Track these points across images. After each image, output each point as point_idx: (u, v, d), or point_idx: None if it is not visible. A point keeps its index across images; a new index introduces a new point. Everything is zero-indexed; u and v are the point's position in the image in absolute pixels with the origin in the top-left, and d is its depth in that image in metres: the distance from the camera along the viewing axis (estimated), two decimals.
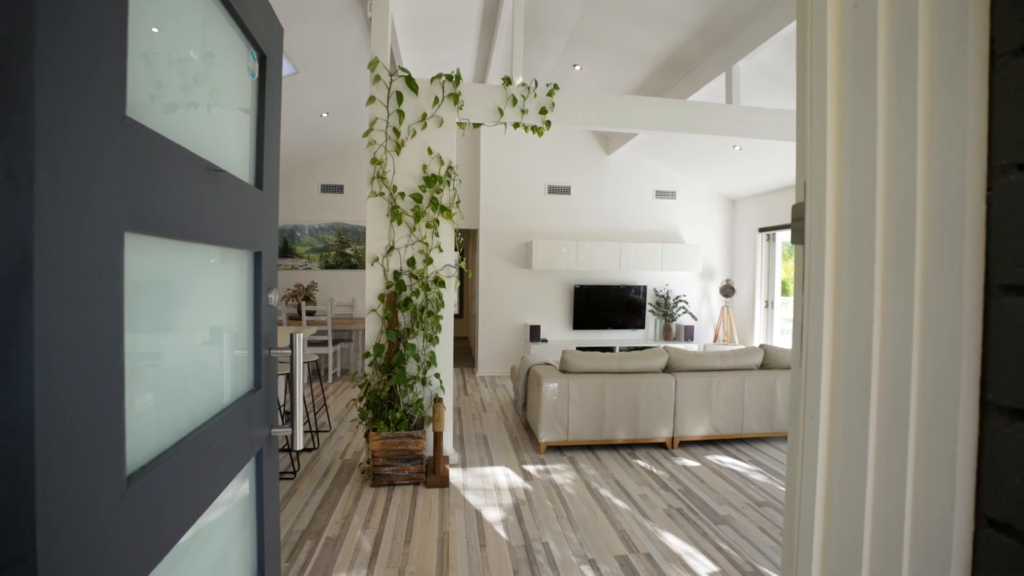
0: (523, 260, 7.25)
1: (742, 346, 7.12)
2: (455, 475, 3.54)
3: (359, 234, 7.38)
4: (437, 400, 3.53)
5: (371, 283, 3.59)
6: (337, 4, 3.98)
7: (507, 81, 3.81)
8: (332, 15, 4.11)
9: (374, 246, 3.59)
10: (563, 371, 4.16)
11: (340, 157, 7.35)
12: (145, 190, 0.65)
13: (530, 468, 3.72)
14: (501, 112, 3.83)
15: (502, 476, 3.56)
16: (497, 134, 6.98)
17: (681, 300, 7.57)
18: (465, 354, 8.90)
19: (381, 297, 3.58)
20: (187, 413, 0.85)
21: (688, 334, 7.38)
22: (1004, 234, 0.46)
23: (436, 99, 3.66)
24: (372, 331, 3.58)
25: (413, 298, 3.57)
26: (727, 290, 7.55)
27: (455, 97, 3.67)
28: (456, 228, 3.80)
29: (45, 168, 0.47)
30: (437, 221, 3.66)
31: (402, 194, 3.59)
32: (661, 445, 4.26)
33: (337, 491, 3.25)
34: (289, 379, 1.31)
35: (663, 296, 7.58)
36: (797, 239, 0.68)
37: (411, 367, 3.62)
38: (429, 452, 3.65)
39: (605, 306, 7.44)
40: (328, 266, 7.36)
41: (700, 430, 4.19)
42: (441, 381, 3.68)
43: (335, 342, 6.84)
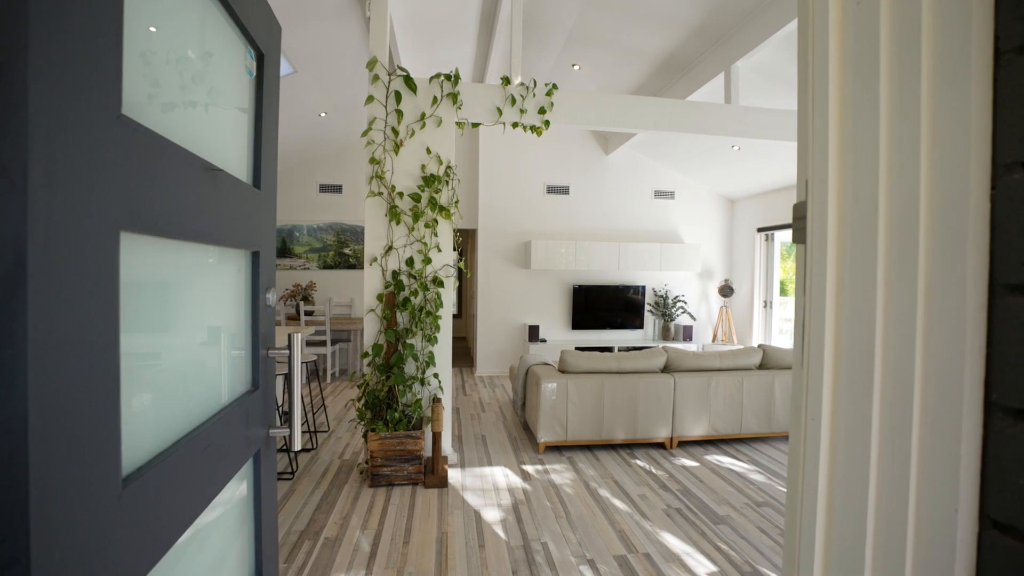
0: (522, 260, 7.24)
1: (741, 346, 7.13)
2: (454, 475, 3.54)
3: (358, 234, 7.37)
4: (436, 400, 3.53)
5: (369, 283, 3.58)
6: (335, 4, 3.97)
7: (506, 81, 3.81)
8: (330, 15, 4.11)
9: (372, 246, 3.58)
10: (562, 371, 4.16)
11: (339, 157, 7.34)
12: (141, 189, 0.65)
13: (529, 468, 3.71)
14: (500, 112, 3.82)
15: (501, 476, 3.55)
16: (496, 134, 6.98)
17: (680, 300, 7.57)
18: (464, 354, 8.90)
19: (380, 297, 3.57)
20: (184, 414, 0.85)
21: (687, 334, 7.39)
22: (1008, 233, 0.45)
23: (435, 99, 3.65)
24: (371, 331, 3.58)
25: (412, 298, 3.57)
26: (726, 290, 7.56)
27: (454, 97, 3.67)
28: (455, 228, 3.80)
29: (39, 167, 0.46)
30: (436, 221, 3.65)
31: (401, 194, 3.58)
32: (660, 445, 4.26)
33: (335, 491, 3.24)
34: (287, 379, 1.30)
35: (662, 296, 7.59)
36: (798, 238, 0.67)
37: (410, 367, 3.62)
38: (428, 452, 3.65)
39: (604, 306, 7.43)
40: (326, 266, 7.35)
41: (699, 430, 4.19)
42: (440, 381, 3.67)
43: (333, 342, 6.83)
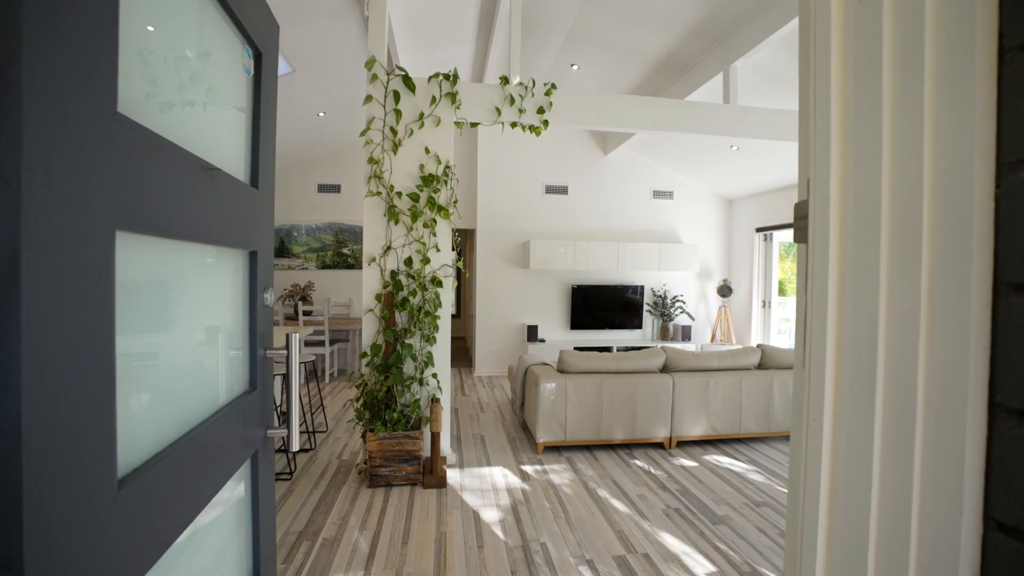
0: (520, 260, 7.24)
1: (739, 346, 7.13)
2: (452, 476, 3.53)
3: (356, 234, 7.36)
4: (434, 400, 3.52)
5: (368, 283, 3.57)
6: (334, 3, 3.97)
7: (504, 80, 3.80)
8: (329, 14, 4.10)
9: (371, 246, 3.57)
10: (561, 371, 4.15)
11: (337, 157, 7.33)
12: (138, 188, 0.64)
13: (528, 468, 3.71)
14: (498, 111, 3.82)
15: (500, 476, 3.55)
16: (494, 134, 6.97)
17: (678, 300, 7.57)
18: (462, 354, 8.89)
19: (378, 297, 3.56)
20: (181, 414, 0.84)
21: (685, 334, 7.39)
22: (1013, 231, 0.45)
23: (433, 98, 3.64)
24: (369, 331, 3.57)
25: (410, 298, 3.56)
26: (724, 290, 7.56)
27: (452, 96, 3.66)
28: (453, 228, 3.79)
29: (33, 166, 0.46)
30: (434, 221, 3.64)
31: (399, 194, 3.57)
32: (659, 445, 4.25)
33: (334, 492, 3.23)
34: (285, 379, 1.29)
35: (660, 296, 7.59)
36: (800, 237, 0.67)
37: (408, 367, 3.61)
38: (426, 453, 3.64)
39: (602, 306, 7.43)
40: (325, 266, 7.34)
41: (698, 430, 4.19)
42: (438, 381, 3.67)
43: (332, 342, 6.82)
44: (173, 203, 0.74)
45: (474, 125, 3.84)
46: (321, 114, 5.97)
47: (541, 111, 3.87)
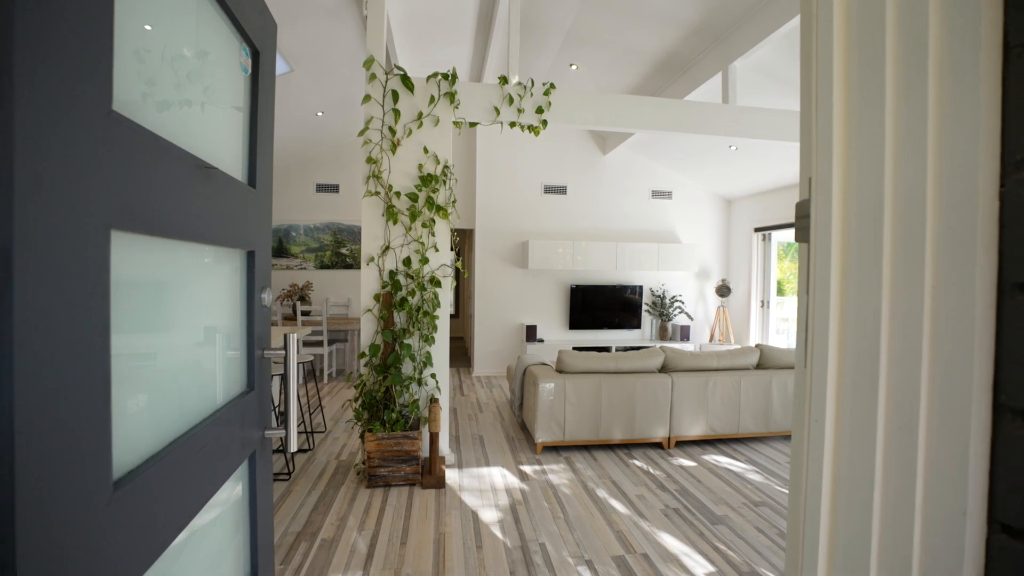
0: (519, 260, 7.23)
1: (738, 346, 7.14)
2: (451, 476, 3.53)
3: (355, 234, 7.35)
4: (433, 400, 3.52)
5: (367, 283, 3.57)
6: (332, 2, 3.96)
7: (503, 80, 3.80)
8: (327, 13, 4.09)
9: (370, 246, 3.57)
10: (559, 371, 4.15)
11: (336, 156, 7.32)
12: (133, 187, 0.63)
13: (526, 468, 3.70)
14: (497, 111, 3.81)
15: (498, 477, 3.54)
16: (493, 133, 6.96)
17: (677, 300, 7.57)
18: (461, 354, 8.88)
19: (377, 297, 3.56)
20: (178, 415, 0.83)
21: (684, 334, 7.39)
22: (1018, 231, 0.44)
23: (432, 98, 3.64)
24: (368, 331, 3.56)
25: (409, 298, 3.55)
26: (723, 290, 7.56)
27: (451, 96, 3.65)
28: (452, 228, 3.78)
29: (26, 164, 0.45)
30: (433, 221, 3.64)
31: (398, 193, 3.57)
32: (658, 445, 4.25)
33: (332, 492, 3.23)
34: (283, 380, 1.29)
35: (659, 296, 7.59)
36: (801, 237, 0.67)
37: (407, 367, 3.60)
38: (425, 453, 3.63)
39: (601, 306, 7.43)
40: (323, 266, 7.33)
41: (696, 430, 4.19)
42: (437, 381, 3.66)
43: (330, 342, 6.80)
44: (170, 202, 0.73)
45: (473, 125, 3.83)
46: (319, 114, 5.96)
47: (540, 111, 3.87)
